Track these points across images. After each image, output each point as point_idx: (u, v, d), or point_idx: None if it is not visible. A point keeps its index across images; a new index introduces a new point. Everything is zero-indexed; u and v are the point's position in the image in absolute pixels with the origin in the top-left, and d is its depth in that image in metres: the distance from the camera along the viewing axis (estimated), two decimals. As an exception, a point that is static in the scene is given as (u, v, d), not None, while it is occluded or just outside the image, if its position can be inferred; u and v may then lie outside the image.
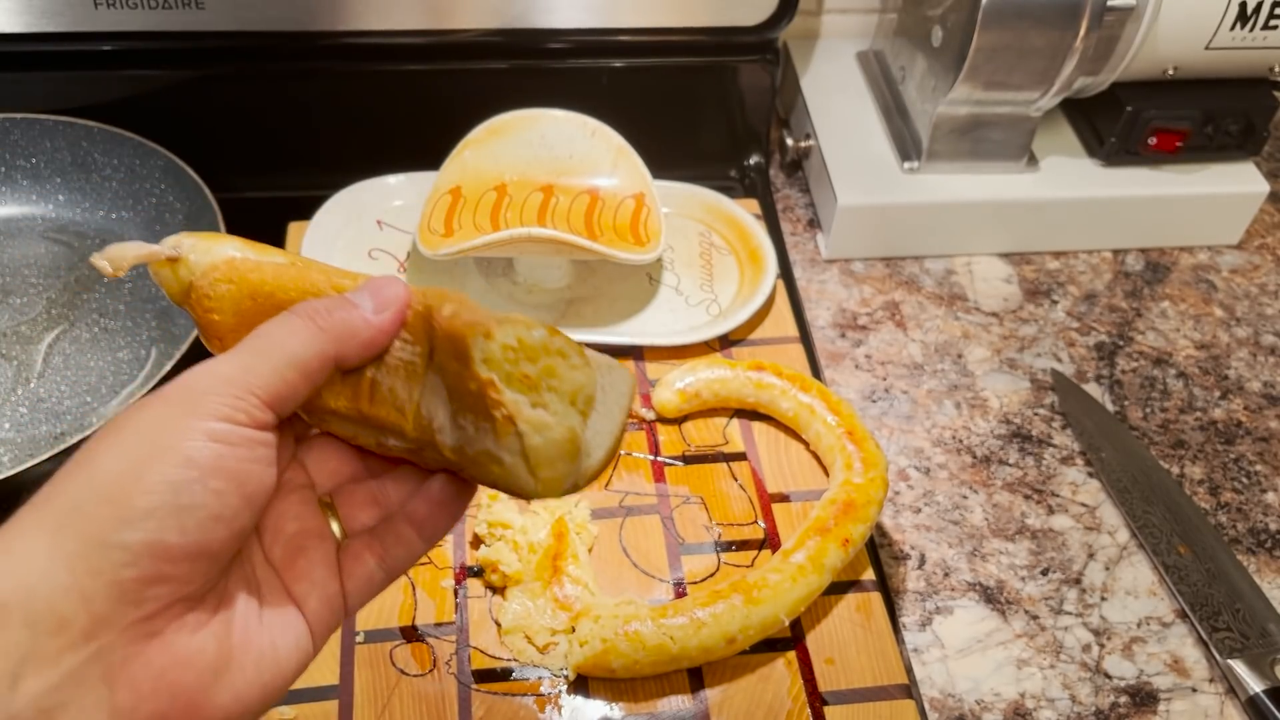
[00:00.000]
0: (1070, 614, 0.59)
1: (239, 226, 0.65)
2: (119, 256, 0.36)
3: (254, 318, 0.34)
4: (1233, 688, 0.56)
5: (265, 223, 0.72)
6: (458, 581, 0.56)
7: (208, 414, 0.31)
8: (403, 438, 0.35)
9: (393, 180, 0.74)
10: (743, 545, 0.59)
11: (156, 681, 0.30)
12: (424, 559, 0.56)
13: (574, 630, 0.53)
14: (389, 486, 0.38)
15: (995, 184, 0.76)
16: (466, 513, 0.59)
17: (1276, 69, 0.74)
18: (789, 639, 0.55)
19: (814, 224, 0.80)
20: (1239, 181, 0.78)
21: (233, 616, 0.33)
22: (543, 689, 0.52)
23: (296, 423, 0.37)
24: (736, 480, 0.61)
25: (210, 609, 0.32)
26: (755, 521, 0.60)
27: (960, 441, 0.67)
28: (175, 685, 0.30)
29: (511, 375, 0.32)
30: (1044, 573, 0.60)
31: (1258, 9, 0.69)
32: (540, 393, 0.33)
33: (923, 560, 0.61)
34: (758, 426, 0.64)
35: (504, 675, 0.53)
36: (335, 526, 0.37)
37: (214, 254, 0.36)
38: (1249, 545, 0.62)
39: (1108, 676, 0.56)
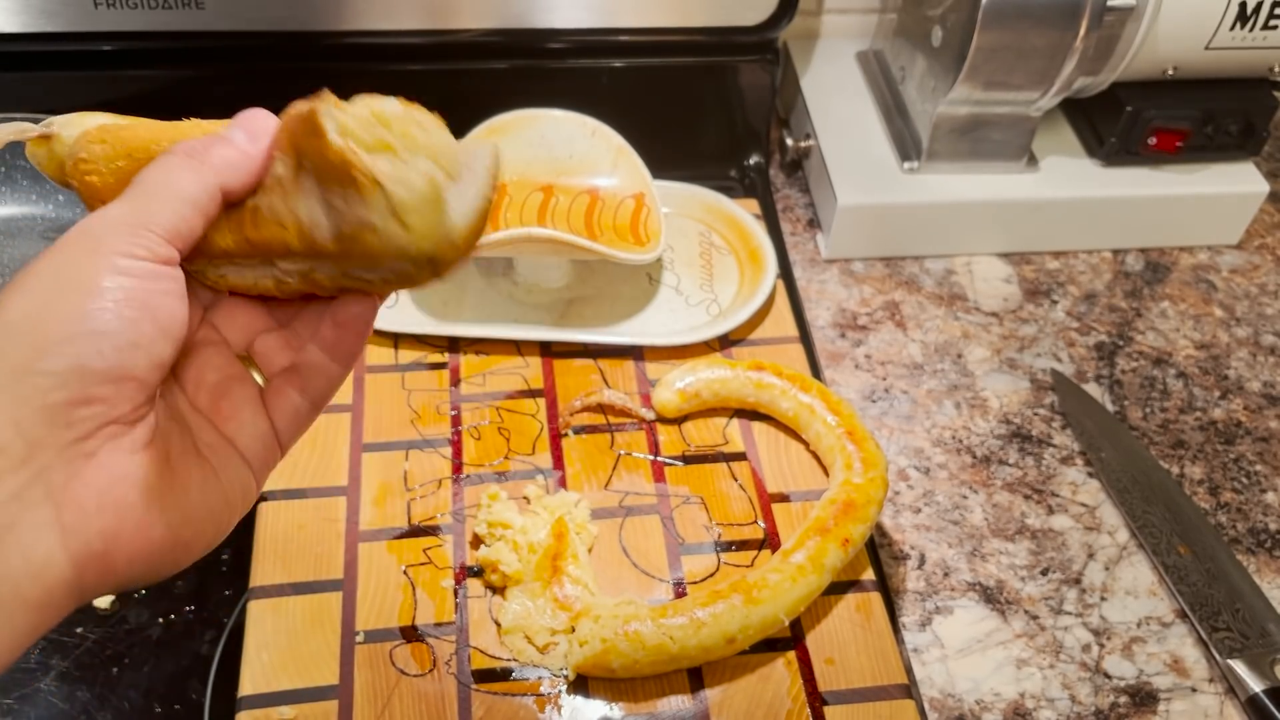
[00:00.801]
0: (1070, 614, 0.59)
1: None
2: None
3: (133, 174, 0.35)
4: (1232, 688, 0.56)
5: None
6: (457, 581, 0.56)
7: (110, 250, 0.31)
8: (290, 254, 0.36)
9: (393, 180, 0.74)
10: (742, 545, 0.59)
11: (100, 498, 0.31)
12: (423, 558, 0.57)
13: (574, 630, 0.53)
14: (299, 328, 0.39)
15: (995, 184, 0.76)
16: (466, 512, 0.59)
17: (1276, 69, 0.74)
18: (789, 639, 0.55)
19: (814, 224, 0.80)
20: (1239, 181, 0.78)
21: (169, 446, 0.34)
22: (543, 689, 0.52)
23: (199, 288, 0.38)
24: (736, 480, 0.62)
25: (144, 436, 0.33)
26: (755, 521, 0.60)
27: (960, 441, 0.67)
28: (119, 501, 0.32)
29: (370, 144, 0.33)
30: (1044, 573, 0.60)
31: (1258, 9, 0.69)
32: (398, 154, 0.34)
33: (922, 560, 0.61)
34: (758, 426, 0.64)
35: (504, 675, 0.53)
36: (255, 375, 0.38)
37: (85, 123, 0.37)
38: (1249, 545, 0.62)
39: (1107, 676, 0.56)
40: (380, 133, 0.34)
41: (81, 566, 0.31)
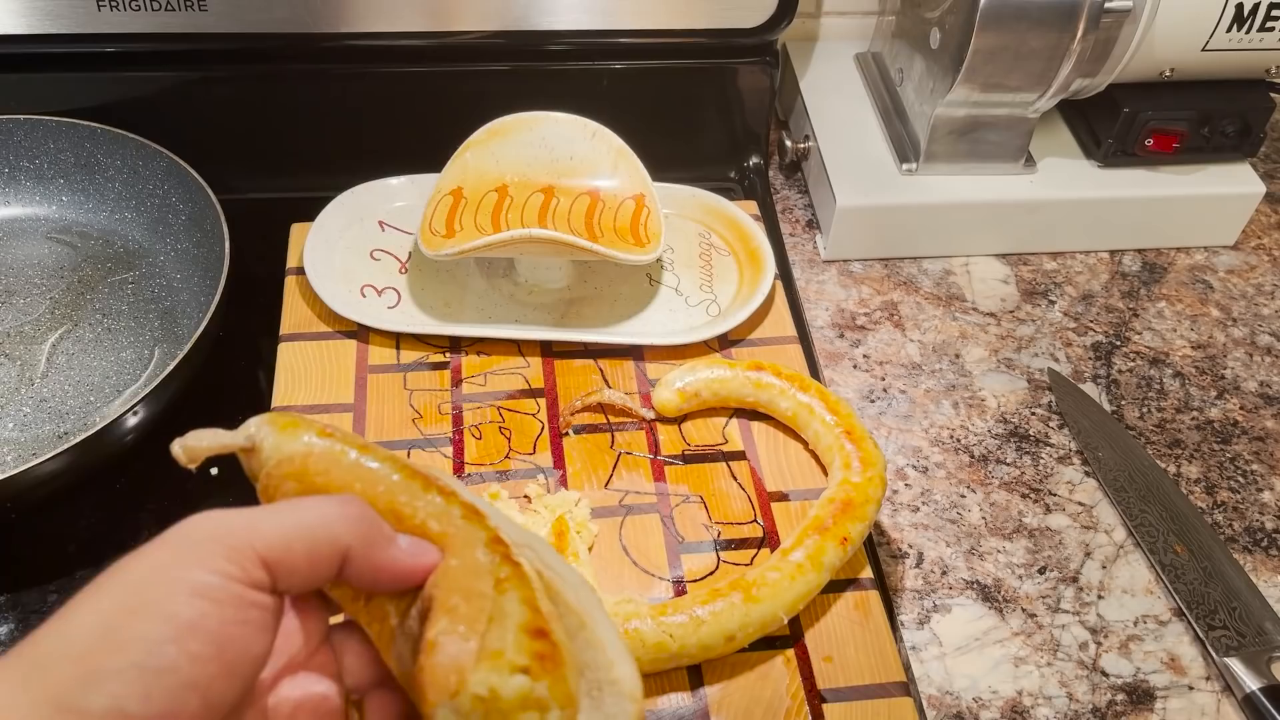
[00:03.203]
0: (1067, 612, 0.59)
1: (242, 227, 0.66)
2: (194, 448, 0.35)
3: None
4: (1229, 686, 0.56)
5: (268, 223, 0.73)
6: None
7: (197, 564, 0.29)
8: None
9: (395, 182, 0.75)
10: (742, 544, 0.59)
11: None
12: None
13: (574, 628, 0.53)
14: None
15: (993, 185, 0.76)
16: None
17: (1273, 70, 0.75)
18: (788, 637, 0.55)
19: (813, 225, 0.81)
20: (1235, 182, 0.78)
21: None
22: (543, 686, 0.53)
23: (327, 609, 0.35)
24: (736, 479, 0.62)
25: None
26: (754, 520, 0.60)
27: (958, 441, 0.67)
28: None
29: None
30: (1041, 571, 0.61)
31: (1254, 11, 0.70)
32: None
33: (920, 559, 0.61)
34: (757, 426, 0.65)
35: (505, 673, 0.53)
36: None
37: (285, 449, 0.35)
38: (1245, 544, 0.63)
39: (1104, 674, 0.57)
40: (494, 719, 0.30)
41: None
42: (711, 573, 0.58)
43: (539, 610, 0.31)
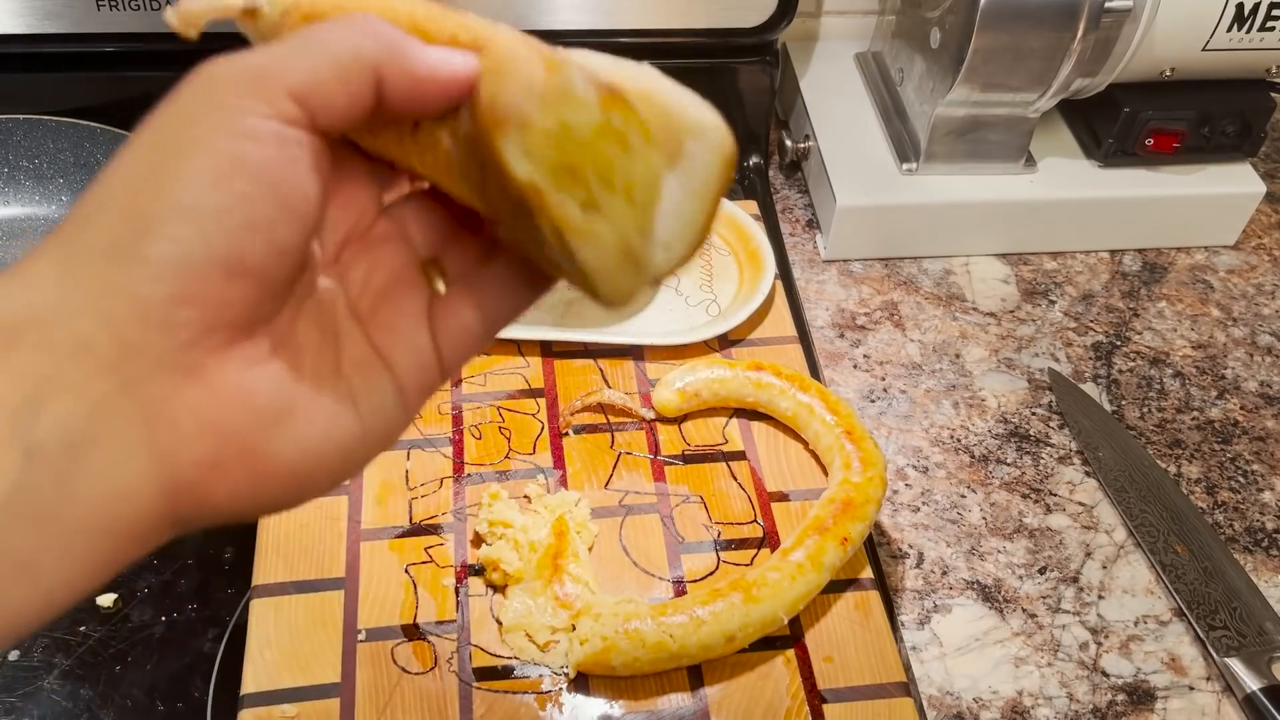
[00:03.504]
0: (1068, 612, 0.59)
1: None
2: (191, 11, 0.32)
3: None
4: (1229, 686, 0.56)
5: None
6: (459, 580, 0.56)
7: (228, 105, 0.26)
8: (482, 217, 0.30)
9: (394, 181, 0.74)
10: (742, 544, 0.59)
11: (201, 421, 0.26)
12: (424, 557, 0.57)
13: (574, 628, 0.53)
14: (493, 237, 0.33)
15: (993, 185, 0.76)
16: (467, 511, 0.59)
17: (1273, 70, 0.75)
18: (788, 637, 0.55)
19: (813, 225, 0.80)
20: (1236, 182, 0.78)
21: (300, 360, 0.28)
22: (543, 687, 0.53)
23: (380, 171, 0.32)
24: (736, 479, 0.62)
25: (267, 346, 0.27)
26: (754, 520, 0.60)
27: (958, 441, 0.67)
28: (223, 427, 0.26)
29: (557, 168, 0.27)
30: (1041, 571, 0.61)
31: (1254, 11, 0.70)
32: (591, 190, 0.27)
33: (921, 559, 0.61)
34: (757, 426, 0.65)
35: (505, 673, 0.53)
36: (439, 283, 0.32)
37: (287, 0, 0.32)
38: (1245, 544, 0.63)
39: (1105, 675, 0.57)
40: (572, 155, 0.27)
41: (175, 497, 0.26)
42: (712, 573, 0.58)
43: (599, 75, 0.28)
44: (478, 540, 0.58)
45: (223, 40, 0.32)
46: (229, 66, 0.27)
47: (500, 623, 0.55)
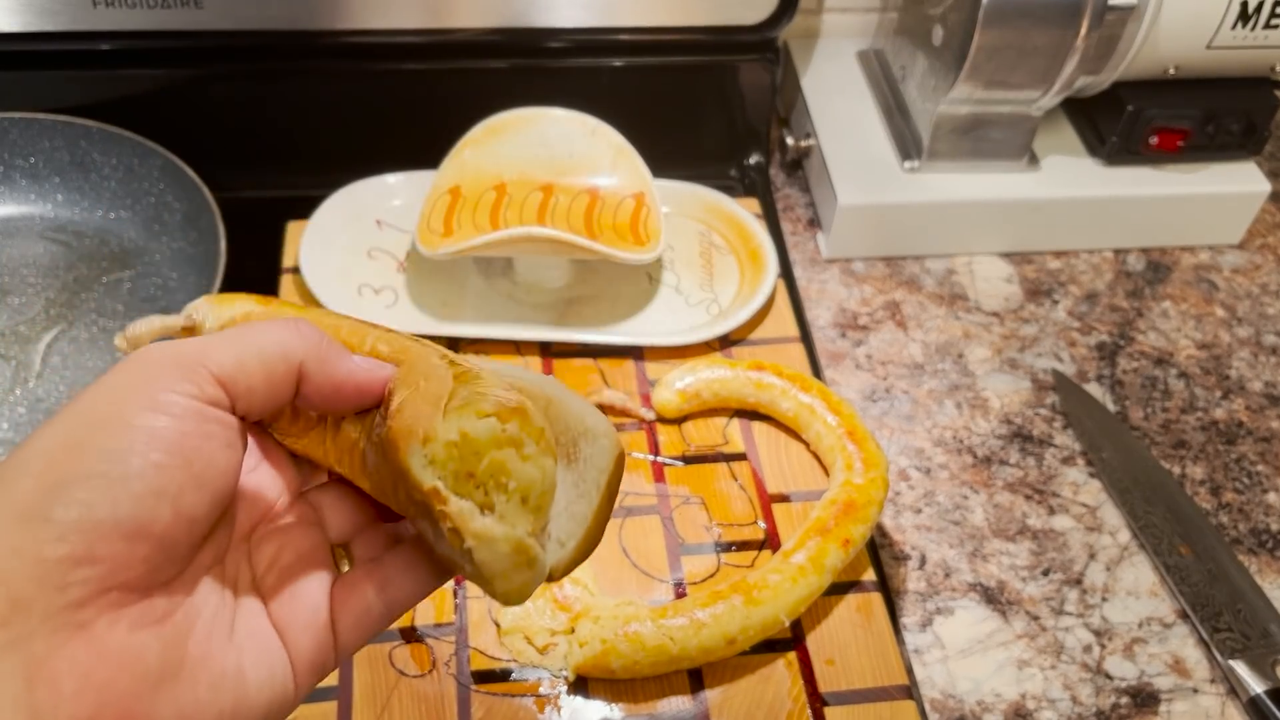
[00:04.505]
0: (1071, 614, 0.59)
1: (238, 225, 0.66)
2: (136, 335, 0.36)
3: None
4: (1234, 688, 0.56)
5: (264, 222, 0.72)
6: (457, 582, 0.56)
7: (154, 384, 0.28)
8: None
9: (392, 179, 0.74)
10: (743, 546, 0.58)
11: (82, 681, 0.26)
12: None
13: (574, 631, 0.53)
14: (405, 525, 0.35)
15: (996, 183, 0.76)
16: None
17: (1278, 68, 0.74)
18: (789, 640, 0.55)
19: (814, 223, 0.80)
20: (1240, 181, 0.78)
21: (192, 624, 0.29)
22: (542, 690, 0.52)
23: (301, 464, 0.35)
24: (736, 480, 0.61)
25: (159, 609, 0.28)
26: (755, 522, 0.60)
27: (961, 442, 0.66)
28: (104, 687, 0.27)
29: (458, 474, 0.30)
30: (1045, 573, 0.60)
31: (1259, 8, 0.69)
32: (489, 494, 0.30)
33: (923, 561, 0.61)
34: (758, 426, 0.64)
35: (503, 676, 0.53)
36: (345, 564, 0.34)
37: (225, 315, 0.36)
38: (1250, 546, 0.62)
39: (1109, 677, 0.56)
40: (470, 463, 0.30)
41: None
42: (712, 575, 0.57)
43: (501, 387, 0.31)
44: (476, 542, 0.57)
45: (229, 37, 0.32)
46: (161, 351, 0.29)
47: (499, 625, 0.54)
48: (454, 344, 0.67)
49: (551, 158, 0.70)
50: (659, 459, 0.62)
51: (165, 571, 0.28)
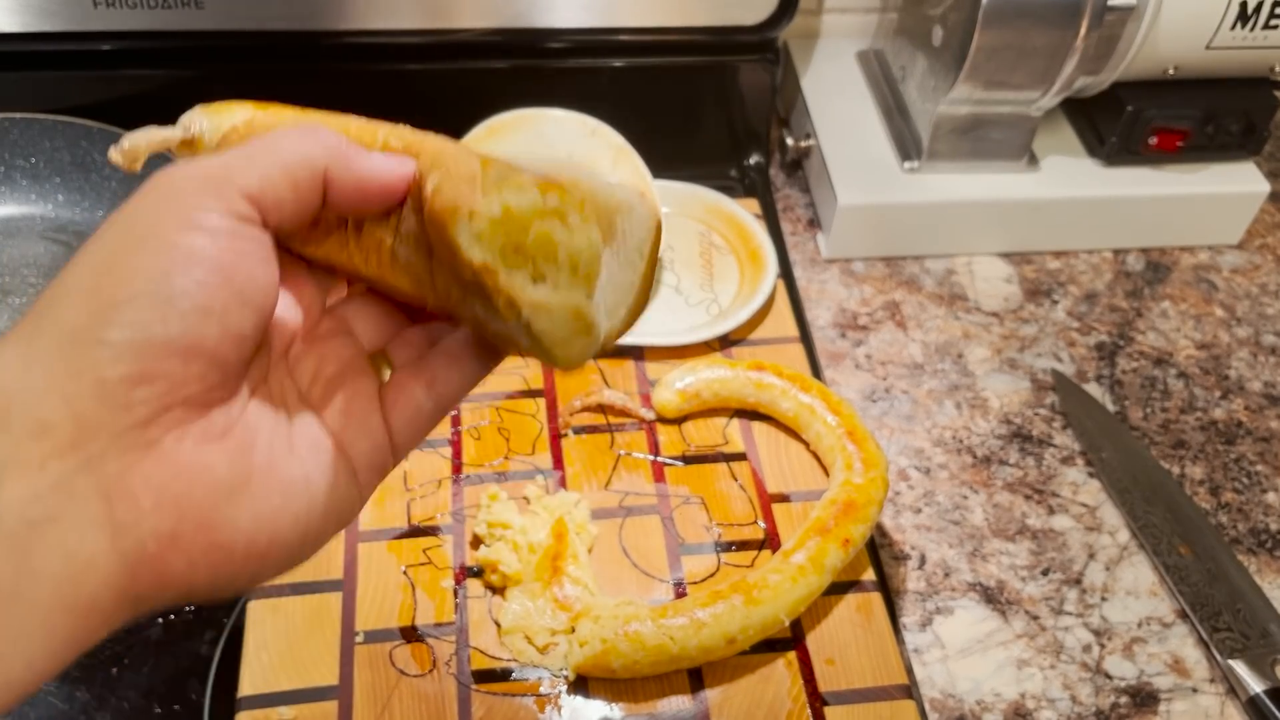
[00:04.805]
0: (1071, 614, 0.59)
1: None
2: (133, 148, 0.35)
3: None
4: (1233, 688, 0.56)
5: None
6: (457, 582, 0.56)
7: (186, 205, 0.28)
8: (427, 307, 0.33)
9: (392, 180, 0.74)
10: (743, 545, 0.59)
11: (158, 495, 0.27)
12: (423, 558, 0.56)
13: (574, 630, 0.53)
14: (440, 325, 0.35)
15: (996, 183, 0.76)
16: (466, 512, 0.59)
17: (1277, 68, 0.74)
18: (789, 639, 0.55)
19: (814, 224, 0.80)
20: (1240, 181, 0.78)
21: (253, 439, 0.30)
22: (542, 689, 0.52)
23: (322, 276, 0.35)
24: (736, 480, 0.61)
25: (220, 425, 0.29)
26: (755, 522, 0.60)
27: (961, 441, 0.67)
28: (181, 499, 0.28)
29: (505, 248, 0.29)
30: (1044, 573, 0.60)
31: (1258, 9, 0.69)
32: (539, 265, 0.30)
33: (923, 560, 0.61)
34: (758, 427, 0.64)
35: (504, 676, 0.53)
36: (385, 370, 0.34)
37: (228, 120, 0.35)
38: (1250, 545, 0.62)
39: (1108, 677, 0.56)
40: (518, 237, 0.30)
41: (134, 571, 0.27)
42: (712, 574, 0.57)
43: (531, 168, 0.31)
44: (476, 542, 0.57)
45: (229, 37, 0.32)
46: (187, 170, 0.29)
47: (499, 625, 0.54)
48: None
49: (552, 158, 0.70)
50: (659, 459, 0.62)
51: (220, 390, 0.29)
